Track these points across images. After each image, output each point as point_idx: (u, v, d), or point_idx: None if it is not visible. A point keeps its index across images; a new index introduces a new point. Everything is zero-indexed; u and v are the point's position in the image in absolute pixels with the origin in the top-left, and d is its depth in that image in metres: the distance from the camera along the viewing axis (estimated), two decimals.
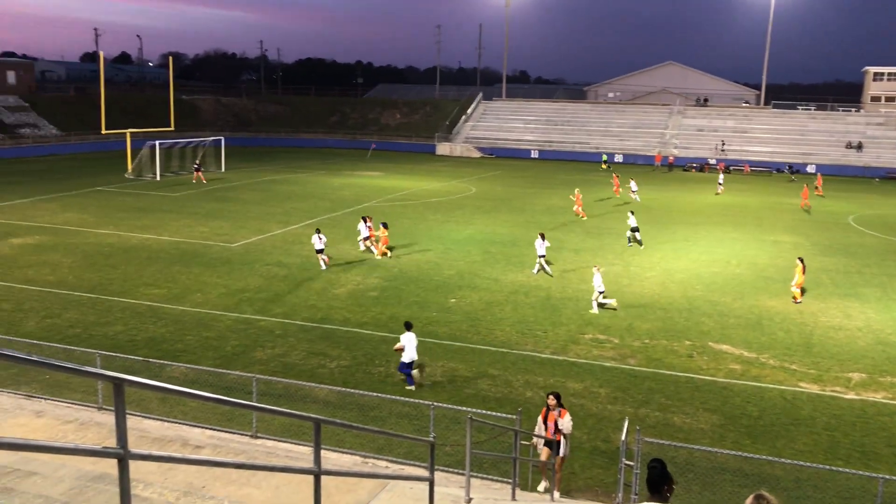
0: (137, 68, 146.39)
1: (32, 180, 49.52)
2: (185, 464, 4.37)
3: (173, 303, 22.87)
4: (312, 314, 22.16)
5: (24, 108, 76.16)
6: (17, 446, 2.74)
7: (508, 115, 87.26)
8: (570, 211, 42.04)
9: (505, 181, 57.36)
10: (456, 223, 37.79)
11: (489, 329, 21.21)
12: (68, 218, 35.92)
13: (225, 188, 48.48)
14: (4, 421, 9.49)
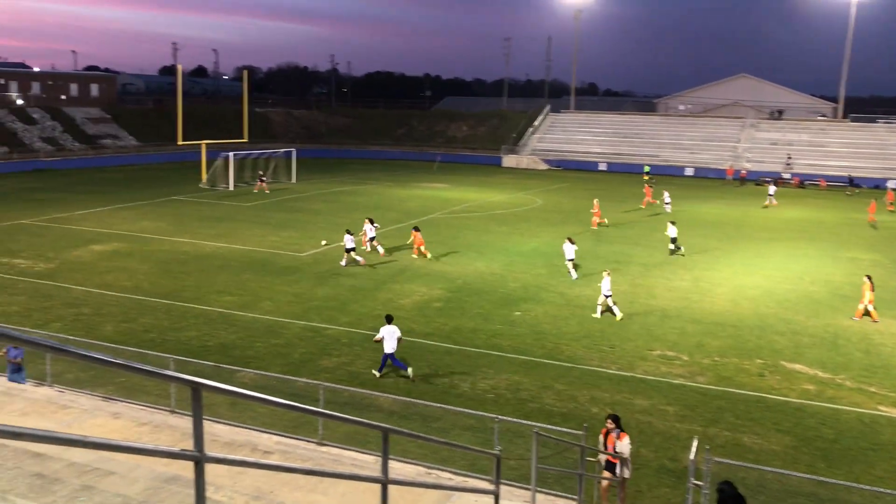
0: (213, 81, 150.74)
1: (112, 189, 51.35)
2: (259, 468, 4.47)
3: (244, 310, 23.39)
4: (378, 324, 22.26)
5: (106, 119, 79.14)
6: (103, 446, 2.85)
7: (576, 128, 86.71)
8: (640, 224, 41.52)
9: (572, 194, 56.95)
10: (521, 235, 37.68)
11: (554, 343, 21.06)
12: (145, 226, 37.13)
13: (295, 199, 49.40)
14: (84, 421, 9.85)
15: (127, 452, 3.07)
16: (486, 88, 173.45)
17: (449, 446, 11.96)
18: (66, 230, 35.42)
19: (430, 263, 30.37)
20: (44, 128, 71.72)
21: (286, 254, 31.61)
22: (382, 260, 30.87)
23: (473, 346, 20.55)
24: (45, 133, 71.00)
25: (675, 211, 47.43)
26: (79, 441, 2.69)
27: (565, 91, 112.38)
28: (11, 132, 68.57)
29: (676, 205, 49.53)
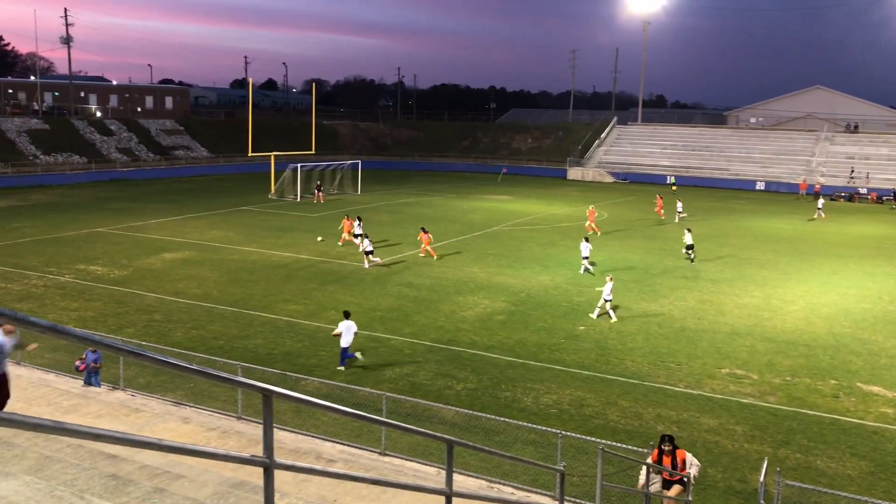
0: (282, 94, 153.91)
1: (184, 199, 52.81)
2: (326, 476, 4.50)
3: (309, 319, 23.72)
4: (440, 335, 22.40)
5: (179, 131, 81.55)
6: (178, 449, 2.91)
7: (644, 140, 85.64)
8: (708, 239, 40.68)
9: (639, 206, 56.18)
10: None
11: (619, 359, 20.75)
12: (215, 235, 38.04)
13: (361, 210, 49.92)
14: (156, 425, 10.11)
15: (200, 457, 3.13)
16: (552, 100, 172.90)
17: (513, 460, 11.87)
18: (139, 238, 36.55)
19: (494, 276, 30.31)
20: (120, 139, 74.27)
21: (350, 264, 31.96)
22: (435, 271, 30.94)
23: (536, 360, 20.39)
24: (121, 144, 73.52)
25: (748, 225, 46.40)
26: (155, 444, 2.75)
27: (632, 103, 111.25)
28: (90, 143, 71.22)
29: (747, 219, 48.43)
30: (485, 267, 32.02)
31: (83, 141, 70.94)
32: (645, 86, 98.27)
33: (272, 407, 3.59)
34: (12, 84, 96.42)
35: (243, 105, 69.92)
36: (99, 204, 49.40)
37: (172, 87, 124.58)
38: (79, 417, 10.02)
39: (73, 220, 41.42)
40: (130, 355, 2.77)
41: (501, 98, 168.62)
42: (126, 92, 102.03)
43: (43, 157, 65.78)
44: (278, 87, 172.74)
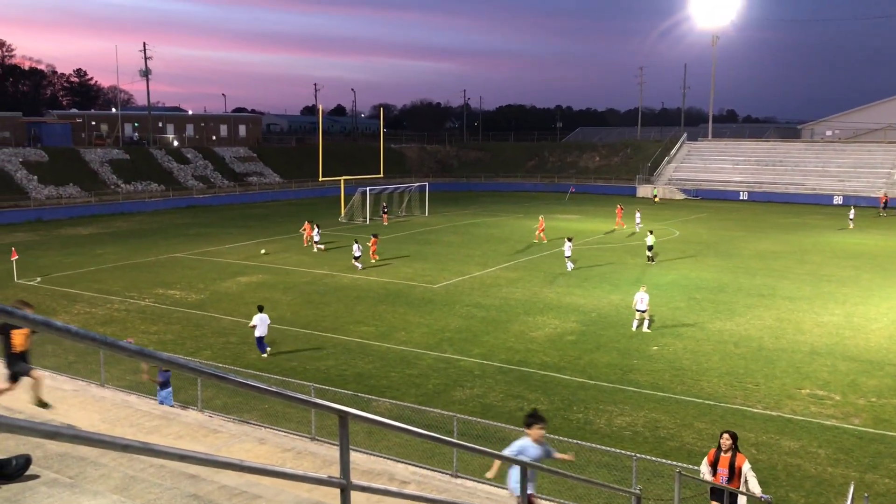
0: (351, 119, 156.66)
1: (258, 224, 54.11)
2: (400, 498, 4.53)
3: (380, 340, 23.93)
4: (510, 356, 22.30)
5: (252, 158, 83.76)
6: (259, 470, 2.99)
7: (715, 156, 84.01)
8: (785, 255, 39.60)
9: (711, 224, 55.04)
10: (658, 267, 36.69)
11: (694, 379, 20.28)
12: (287, 258, 38.81)
13: (428, 231, 50.33)
14: (233, 445, 10.30)
15: (281, 477, 3.20)
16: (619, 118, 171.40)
17: (588, 483, 11.70)
18: (215, 263, 37.56)
19: (564, 296, 30.06)
20: (196, 167, 76.69)
21: (419, 285, 32.16)
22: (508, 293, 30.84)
23: (609, 382, 20.10)
24: (197, 171, 75.89)
25: (826, 240, 45.03)
26: (237, 465, 2.83)
27: (702, 119, 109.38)
28: (168, 171, 73.74)
29: (825, 235, 46.97)
30: (554, 287, 31.80)
31: (161, 169, 73.51)
32: (715, 101, 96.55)
33: (348, 428, 3.64)
34: (95, 116, 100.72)
35: (313, 131, 71.45)
36: (176, 230, 51.00)
37: (245, 115, 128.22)
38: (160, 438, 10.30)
39: (152, 246, 42.86)
40: (214, 378, 2.86)
41: (568, 117, 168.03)
42: (201, 121, 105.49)
43: (124, 185, 68.38)
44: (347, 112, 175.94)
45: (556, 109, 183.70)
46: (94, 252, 40.91)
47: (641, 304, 24.98)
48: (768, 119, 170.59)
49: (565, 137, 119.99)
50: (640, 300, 25.03)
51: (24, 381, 10.32)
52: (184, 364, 2.89)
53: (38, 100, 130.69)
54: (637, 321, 25.21)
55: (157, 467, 6.51)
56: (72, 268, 35.96)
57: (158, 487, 5.75)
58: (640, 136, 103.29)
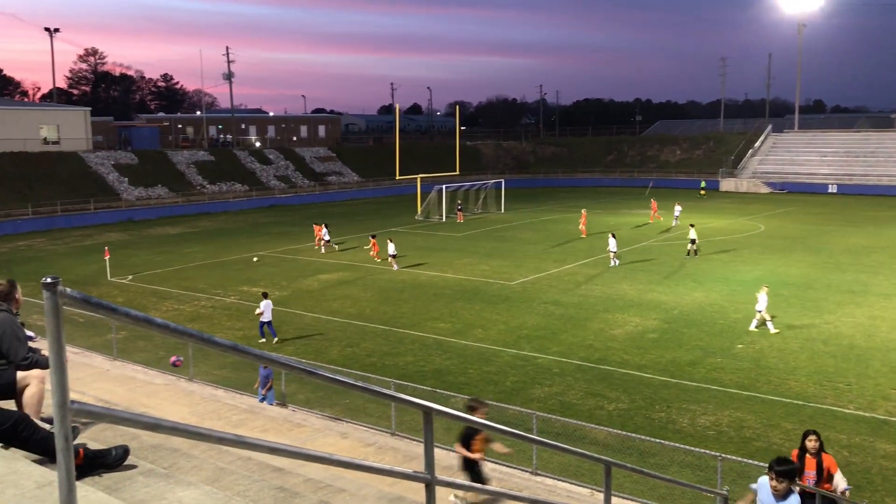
0: (427, 118, 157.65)
1: (337, 222, 54.96)
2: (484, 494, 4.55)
3: (457, 337, 24.02)
4: (589, 354, 22.06)
5: (332, 157, 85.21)
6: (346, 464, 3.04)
7: (801, 148, 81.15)
8: (879, 250, 37.97)
9: (798, 218, 53.21)
10: (742, 263, 35.69)
11: (781, 379, 19.65)
12: (366, 256, 39.32)
13: (504, 228, 50.23)
14: (317, 439, 10.54)
15: (367, 472, 3.25)
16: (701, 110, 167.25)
17: (673, 483, 11.49)
18: (296, 261, 38.37)
19: (645, 293, 29.55)
20: (278, 167, 78.48)
21: (496, 282, 32.13)
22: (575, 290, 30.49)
23: (692, 380, 19.67)
24: (279, 172, 77.66)
25: None
26: (326, 458, 2.89)
27: (788, 109, 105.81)
28: (251, 172, 75.70)
29: None
30: (634, 283, 31.30)
31: (244, 170, 75.52)
32: (802, 91, 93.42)
33: (432, 424, 3.67)
34: (181, 120, 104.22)
35: (390, 130, 72.17)
36: (259, 229, 52.33)
37: (324, 115, 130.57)
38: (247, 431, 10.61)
39: (236, 245, 44.09)
40: (304, 373, 2.93)
41: (647, 110, 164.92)
42: (282, 122, 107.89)
43: (209, 186, 70.52)
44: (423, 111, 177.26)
45: (636, 102, 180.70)
46: (181, 251, 42.34)
47: (759, 303, 24.05)
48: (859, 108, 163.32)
49: (645, 131, 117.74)
50: (761, 301, 24.07)
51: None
52: (275, 360, 2.97)
53: (127, 104, 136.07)
54: (756, 320, 24.19)
55: (245, 460, 6.70)
56: (161, 266, 37.32)
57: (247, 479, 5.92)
58: (722, 129, 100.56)
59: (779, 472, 6.63)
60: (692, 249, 37.23)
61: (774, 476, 6.65)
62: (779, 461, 6.76)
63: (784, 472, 6.65)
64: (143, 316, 2.39)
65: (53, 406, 2.16)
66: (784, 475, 6.63)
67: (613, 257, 35.22)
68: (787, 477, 6.65)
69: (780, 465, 6.68)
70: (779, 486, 6.63)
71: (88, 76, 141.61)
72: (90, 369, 15.25)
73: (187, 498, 4.28)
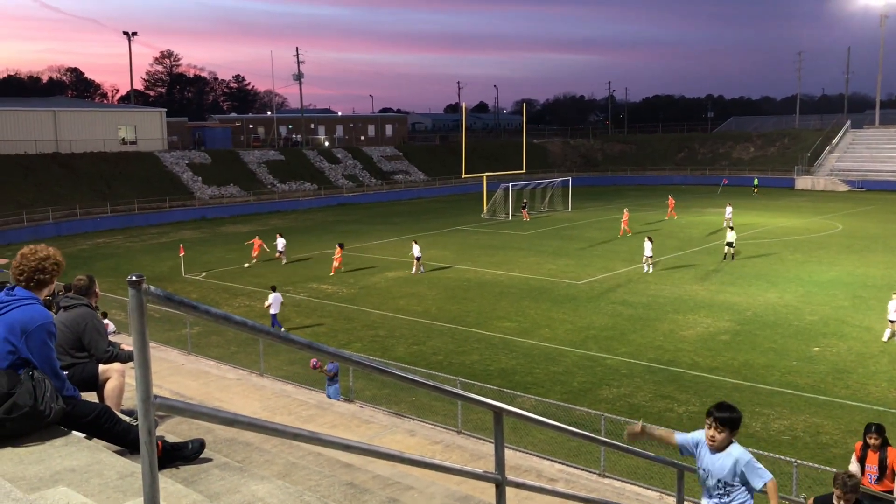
0: (493, 116, 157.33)
1: (404, 220, 55.42)
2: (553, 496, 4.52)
3: (523, 336, 23.91)
4: (659, 355, 21.68)
5: (398, 156, 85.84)
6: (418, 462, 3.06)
7: (883, 144, 78.10)
8: None
9: (879, 217, 51.24)
10: (819, 263, 34.57)
11: (861, 383, 18.96)
12: (432, 254, 39.48)
13: (571, 227, 49.78)
14: (384, 436, 10.64)
15: (438, 470, 3.26)
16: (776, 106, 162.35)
17: None
18: (364, 258, 38.78)
19: (716, 294, 28.90)
20: (346, 166, 79.49)
21: (563, 281, 31.87)
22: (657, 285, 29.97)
23: (765, 384, 19.15)
24: (347, 171, 78.65)
25: None
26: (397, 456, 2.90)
27: (868, 105, 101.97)
28: (319, 171, 76.86)
29: None
30: (706, 284, 30.64)
31: (313, 169, 76.72)
32: (882, 85, 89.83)
33: (503, 424, 3.66)
34: (252, 120, 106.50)
35: (457, 129, 72.36)
36: (328, 227, 53.09)
37: (391, 115, 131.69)
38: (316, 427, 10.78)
39: (305, 243, 44.81)
40: (375, 371, 2.95)
41: (719, 106, 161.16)
42: (350, 122, 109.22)
43: (279, 185, 71.87)
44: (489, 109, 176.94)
45: (707, 99, 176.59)
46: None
47: (892, 312, 22.31)
48: None
49: (717, 128, 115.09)
50: (892, 309, 22.38)
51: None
52: (348, 357, 3.00)
53: (201, 105, 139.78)
54: (890, 330, 22.50)
55: (315, 455, 6.81)
56: (233, 263, 38.20)
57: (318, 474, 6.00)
58: (798, 125, 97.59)
59: (719, 419, 5.33)
60: (730, 253, 35.69)
61: (713, 423, 5.34)
62: (719, 406, 5.48)
63: (725, 419, 5.35)
64: (221, 313, 2.44)
65: (137, 400, 2.23)
66: (725, 423, 5.34)
67: (648, 262, 33.72)
68: (727, 426, 5.34)
69: (721, 411, 5.41)
70: (717, 437, 5.34)
71: (164, 78, 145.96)
72: (166, 363, 15.73)
73: (261, 491, 4.36)
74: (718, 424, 5.37)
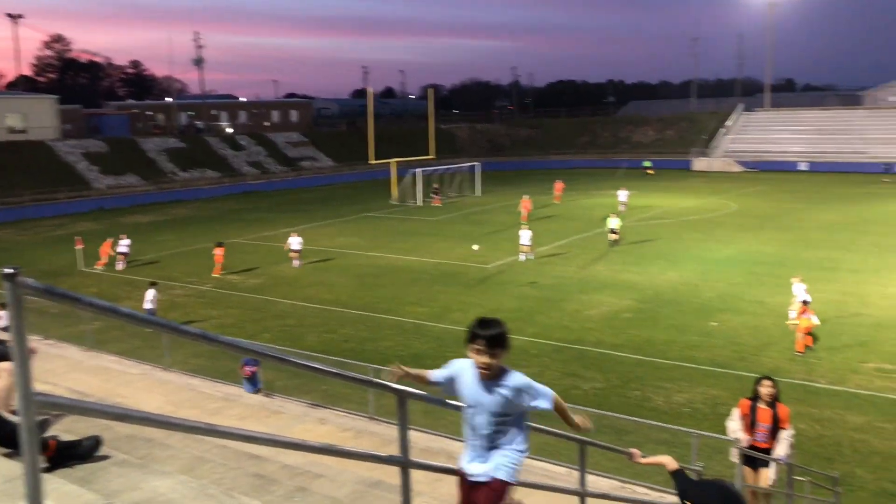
0: (400, 101, 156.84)
1: (312, 208, 54.73)
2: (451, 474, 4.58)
3: (435, 321, 24.06)
4: (566, 335, 22.20)
5: (304, 142, 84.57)
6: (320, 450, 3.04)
7: (773, 126, 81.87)
8: (848, 227, 38.53)
9: (770, 196, 53.77)
10: (716, 242, 36.04)
11: (755, 355, 19.93)
12: (342, 241, 39.20)
13: (480, 212, 50.27)
14: (294, 426, 10.54)
15: (341, 456, 3.25)
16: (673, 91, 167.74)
17: None
18: (271, 247, 38.13)
19: (619, 273, 29.77)
20: (250, 153, 77.79)
21: (473, 266, 32.18)
22: (550, 274, 30.64)
23: (666, 359, 19.88)
24: (251, 158, 76.98)
25: (890, 210, 43.71)
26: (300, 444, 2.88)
27: (759, 89, 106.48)
28: (222, 158, 74.96)
29: (890, 205, 45.50)
30: (609, 264, 31.50)
31: (216, 156, 74.76)
32: (772, 69, 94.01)
33: (406, 407, 3.67)
34: (151, 106, 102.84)
35: (364, 114, 71.68)
36: (232, 216, 51.93)
37: (296, 100, 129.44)
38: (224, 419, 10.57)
39: (209, 232, 43.71)
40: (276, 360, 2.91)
41: (620, 91, 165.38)
42: (254, 108, 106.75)
43: (181, 173, 69.74)
44: (396, 94, 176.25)
45: (608, 84, 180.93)
46: (154, 239, 41.89)
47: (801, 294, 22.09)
48: (828, 87, 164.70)
49: (618, 112, 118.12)
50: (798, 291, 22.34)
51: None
52: (246, 347, 2.95)
53: (96, 92, 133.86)
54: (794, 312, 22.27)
55: (221, 448, 6.68)
56: (134, 255, 36.88)
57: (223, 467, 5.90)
58: (694, 109, 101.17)
59: (489, 339, 4.14)
60: (613, 239, 35.17)
61: (483, 346, 4.15)
62: (482, 323, 4.26)
63: (495, 337, 4.16)
64: (108, 305, 2.36)
65: (18, 398, 2.13)
66: (497, 342, 4.17)
67: (525, 251, 32.84)
68: (500, 345, 4.19)
69: (487, 328, 4.22)
70: (490, 363, 4.16)
71: (55, 63, 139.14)
72: (63, 360, 15.11)
73: (163, 487, 4.26)
74: (489, 346, 4.13)
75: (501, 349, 4.18)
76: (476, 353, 4.20)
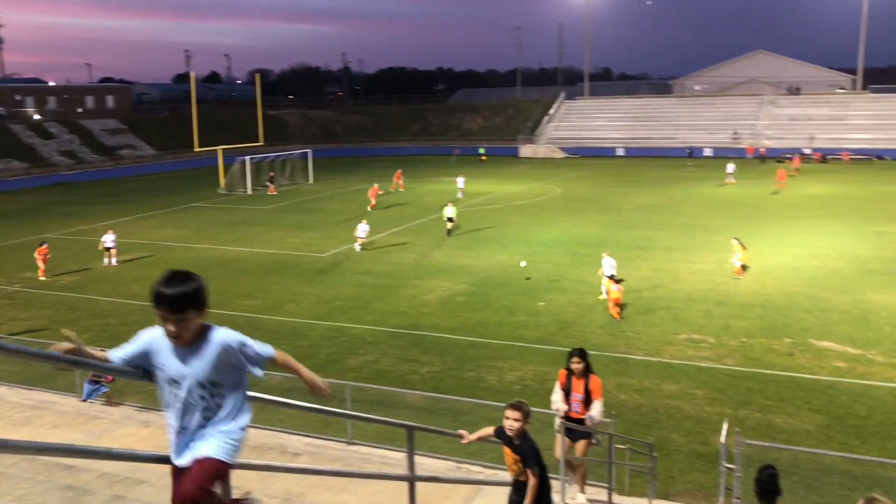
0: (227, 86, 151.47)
1: (132, 199, 51.79)
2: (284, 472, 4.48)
3: (268, 313, 23.50)
4: (402, 321, 22.37)
5: (123, 130, 79.84)
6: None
7: (592, 114, 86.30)
8: (661, 208, 41.28)
9: (591, 181, 56.69)
10: (541, 225, 37.55)
11: (579, 331, 20.96)
12: (167, 234, 37.40)
13: (313, 200, 49.57)
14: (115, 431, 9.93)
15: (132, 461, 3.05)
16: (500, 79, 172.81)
17: None
18: (89, 242, 35.71)
19: (453, 258, 30.35)
20: (62, 141, 72.47)
21: (307, 255, 31.71)
22: (394, 257, 30.89)
23: (498, 339, 20.50)
24: (63, 147, 71.75)
25: (699, 192, 47.22)
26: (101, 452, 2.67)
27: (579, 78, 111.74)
28: (30, 147, 69.36)
29: (697, 187, 49.18)
30: (443, 249, 32.04)
31: (22, 145, 69.06)
32: (591, 59, 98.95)
33: None
34: None
35: (187, 100, 68.53)
36: (43, 209, 48.20)
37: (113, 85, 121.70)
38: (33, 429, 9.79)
39: (17, 228, 40.36)
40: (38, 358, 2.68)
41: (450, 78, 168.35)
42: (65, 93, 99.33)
43: None
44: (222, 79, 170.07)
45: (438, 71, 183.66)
46: None
47: (608, 268, 23.51)
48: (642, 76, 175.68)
49: (448, 99, 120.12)
50: (607, 265, 23.68)
51: None
52: None
53: None
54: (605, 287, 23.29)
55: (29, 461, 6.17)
56: None
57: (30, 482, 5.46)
58: (520, 97, 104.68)
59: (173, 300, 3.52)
60: (450, 227, 35.02)
61: (168, 312, 3.54)
62: (168, 280, 3.61)
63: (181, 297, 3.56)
64: None
65: None
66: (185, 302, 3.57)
67: (357, 243, 32.31)
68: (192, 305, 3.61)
69: (171, 285, 3.58)
70: (181, 330, 3.61)
71: None
72: None
73: None
74: (175, 310, 3.49)
75: (195, 310, 3.51)
76: (163, 319, 3.47)
